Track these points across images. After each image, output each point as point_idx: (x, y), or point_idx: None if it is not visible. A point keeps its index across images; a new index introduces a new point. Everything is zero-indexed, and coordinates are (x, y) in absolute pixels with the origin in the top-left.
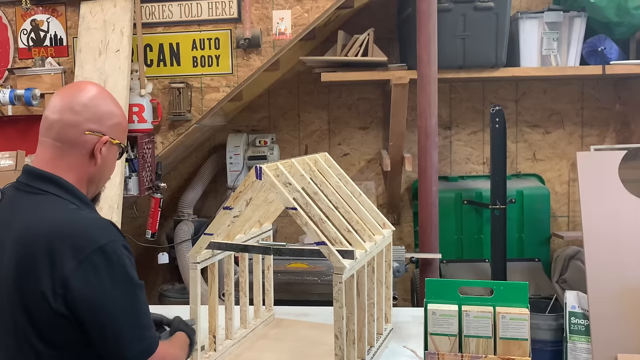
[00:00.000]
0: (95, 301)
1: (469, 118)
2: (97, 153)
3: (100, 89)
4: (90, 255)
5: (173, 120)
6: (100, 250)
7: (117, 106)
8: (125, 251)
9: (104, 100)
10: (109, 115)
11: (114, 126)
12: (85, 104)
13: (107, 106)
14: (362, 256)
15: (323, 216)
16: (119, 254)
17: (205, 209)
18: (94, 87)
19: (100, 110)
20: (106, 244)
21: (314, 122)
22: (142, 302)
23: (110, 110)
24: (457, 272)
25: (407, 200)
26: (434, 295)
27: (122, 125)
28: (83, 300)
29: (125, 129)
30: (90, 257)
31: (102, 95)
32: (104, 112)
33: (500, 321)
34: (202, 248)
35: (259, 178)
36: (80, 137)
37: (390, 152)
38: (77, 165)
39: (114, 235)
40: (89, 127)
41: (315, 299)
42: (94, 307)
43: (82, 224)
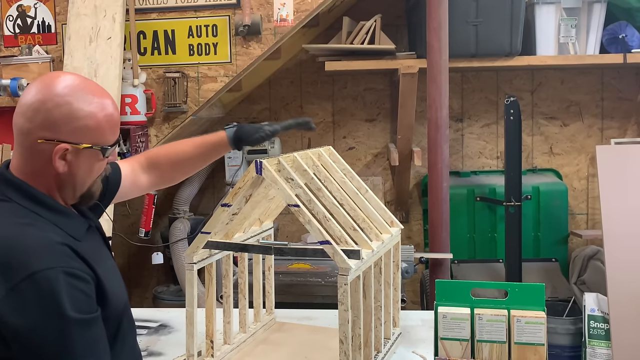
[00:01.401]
0: (22, 336)
1: (481, 110)
2: (56, 162)
3: (68, 85)
4: (19, 284)
5: (168, 112)
6: (30, 278)
7: (90, 103)
8: (69, 279)
9: (65, 100)
10: (69, 119)
11: (78, 130)
12: (36, 109)
13: (67, 107)
14: (368, 256)
15: (327, 214)
16: (52, 284)
17: (202, 206)
18: (57, 85)
19: (55, 114)
20: (38, 271)
21: (318, 114)
22: (79, 340)
23: (72, 112)
24: (469, 273)
25: (416, 197)
26: (445, 298)
27: (93, 125)
28: (10, 333)
29: (103, 127)
30: (19, 285)
31: (65, 93)
32: (62, 116)
33: (515, 325)
34: (198, 247)
35: (259, 173)
36: (34, 145)
37: (398, 146)
38: (41, 171)
39: (55, 260)
40: (40, 134)
41: (319, 302)
42: (20, 343)
43: (20, 245)
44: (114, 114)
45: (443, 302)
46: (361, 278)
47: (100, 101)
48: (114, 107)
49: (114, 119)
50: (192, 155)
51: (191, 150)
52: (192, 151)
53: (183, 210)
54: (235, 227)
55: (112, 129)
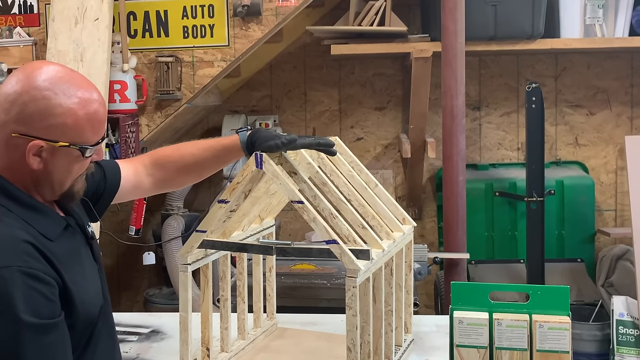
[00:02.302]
0: None
1: (501, 97)
2: (29, 159)
3: (50, 77)
4: None
5: (160, 99)
6: None
7: (71, 98)
8: (27, 280)
9: (43, 94)
10: (45, 114)
11: (54, 127)
12: (12, 101)
13: (44, 102)
14: (378, 256)
15: (334, 210)
16: (6, 283)
17: (198, 202)
18: (37, 76)
19: (30, 109)
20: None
21: (323, 102)
22: (30, 347)
23: (49, 107)
24: (487, 275)
25: (430, 192)
26: (461, 301)
27: (71, 123)
28: None
29: (82, 126)
30: None
31: (45, 87)
32: (37, 111)
33: (538, 331)
34: (193, 247)
35: (260, 167)
36: (9, 139)
37: (410, 136)
38: (16, 166)
39: (13, 259)
40: (15, 128)
41: (325, 306)
42: None
43: None
44: (97, 111)
45: (459, 306)
46: (371, 280)
47: (83, 97)
48: (99, 103)
49: (98, 117)
50: (201, 158)
51: (200, 154)
52: (201, 154)
53: (177, 206)
54: (234, 225)
55: (93, 127)
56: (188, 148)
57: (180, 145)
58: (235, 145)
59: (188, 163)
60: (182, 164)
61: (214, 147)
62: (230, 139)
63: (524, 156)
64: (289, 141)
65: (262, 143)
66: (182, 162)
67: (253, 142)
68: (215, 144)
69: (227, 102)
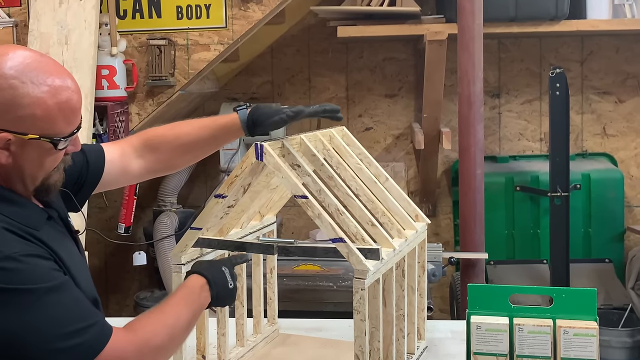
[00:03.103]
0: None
1: (522, 83)
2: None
3: (17, 64)
4: None
5: (152, 85)
6: None
7: (40, 86)
8: (25, 258)
9: (9, 83)
10: (12, 105)
11: (22, 118)
12: None
13: (10, 92)
14: (389, 256)
15: (340, 206)
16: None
17: (192, 197)
18: (2, 64)
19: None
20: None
21: (329, 89)
22: (57, 308)
23: (16, 98)
24: (507, 276)
25: (445, 187)
26: (479, 305)
27: (41, 114)
28: None
29: (54, 116)
30: None
31: (11, 75)
32: (3, 102)
33: (562, 337)
34: (188, 246)
35: (260, 159)
36: None
37: (424, 126)
38: None
39: (5, 248)
40: None
41: (330, 310)
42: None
43: None
44: (70, 99)
45: (477, 311)
46: (381, 282)
47: (53, 84)
48: (72, 90)
49: (71, 105)
50: (196, 138)
51: (196, 133)
52: (196, 133)
53: (170, 201)
54: (232, 222)
55: (66, 118)
56: (183, 127)
57: (174, 125)
58: (234, 124)
59: (183, 143)
60: (176, 144)
61: (211, 126)
62: (228, 118)
63: (547, 147)
64: (295, 113)
65: (265, 120)
66: (177, 142)
67: (255, 121)
68: (212, 122)
69: (225, 89)
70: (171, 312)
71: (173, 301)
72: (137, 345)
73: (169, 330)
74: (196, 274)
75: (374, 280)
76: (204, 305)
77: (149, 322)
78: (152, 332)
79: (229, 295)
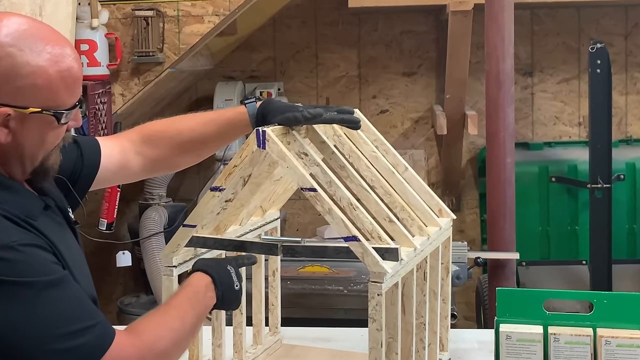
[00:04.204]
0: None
1: (558, 60)
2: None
3: (13, 31)
4: None
5: (138, 62)
6: None
7: (40, 54)
8: (25, 248)
9: (6, 51)
10: (11, 76)
11: (22, 90)
12: None
13: (8, 61)
14: (409, 257)
15: (354, 200)
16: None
17: (184, 189)
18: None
19: None
20: None
21: (339, 66)
22: (58, 303)
23: (15, 67)
24: (541, 279)
25: (471, 177)
26: (509, 312)
27: (42, 84)
28: None
29: (56, 86)
30: None
31: (7, 43)
32: (1, 73)
33: (604, 349)
34: (180, 245)
35: (262, 146)
36: None
37: (446, 109)
38: None
39: (3, 238)
40: None
41: (341, 317)
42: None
43: None
44: (72, 67)
45: (506, 318)
46: (399, 286)
47: (54, 52)
48: (73, 58)
49: (73, 74)
50: (201, 134)
51: (200, 129)
52: (200, 129)
53: (158, 195)
54: (229, 219)
55: (68, 87)
56: (185, 122)
57: (176, 119)
58: (242, 119)
59: (186, 140)
60: (178, 141)
61: (217, 120)
62: (235, 111)
63: (586, 133)
64: (313, 115)
65: (277, 115)
66: (179, 139)
67: (265, 115)
68: (218, 117)
69: (220, 67)
70: (176, 314)
71: (177, 301)
72: (141, 350)
73: (174, 335)
74: (200, 271)
75: (392, 284)
76: (209, 306)
77: (153, 325)
78: (156, 336)
79: (235, 297)
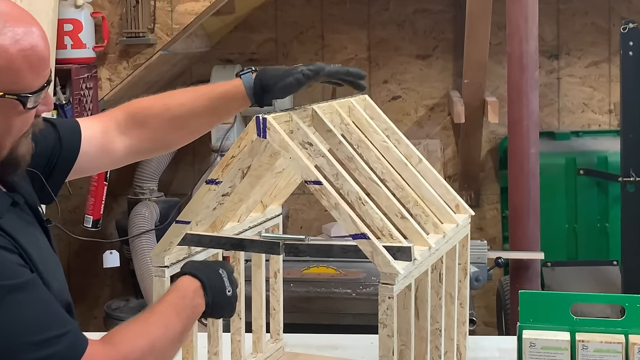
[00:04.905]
0: None
1: (587, 41)
2: None
3: None
4: None
5: (127, 44)
6: None
7: (0, 33)
8: None
9: None
10: None
11: None
12: None
13: None
14: (424, 256)
15: (363, 194)
16: None
17: (177, 183)
18: None
19: None
20: None
21: (346, 48)
22: (22, 308)
23: None
24: (568, 281)
25: (491, 169)
26: (533, 317)
27: (3, 65)
28: None
29: (18, 67)
30: None
31: None
32: None
33: (636, 357)
34: (172, 244)
35: (262, 135)
36: None
37: (464, 95)
38: None
39: None
40: None
41: (349, 323)
42: None
43: None
44: (35, 45)
45: (530, 324)
46: (413, 289)
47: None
48: (38, 36)
49: (37, 52)
50: (192, 110)
51: (190, 103)
52: (191, 104)
53: (149, 188)
54: (227, 214)
55: (33, 67)
56: (175, 97)
57: (164, 95)
58: (237, 92)
59: (176, 116)
60: (167, 117)
61: (209, 94)
62: (230, 84)
63: (617, 121)
64: (314, 72)
65: (277, 83)
66: (168, 115)
67: (264, 86)
68: (210, 90)
69: (217, 49)
70: (158, 322)
71: (160, 308)
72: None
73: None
74: (188, 275)
75: (405, 287)
76: (198, 314)
77: (132, 334)
78: (134, 347)
79: (227, 303)
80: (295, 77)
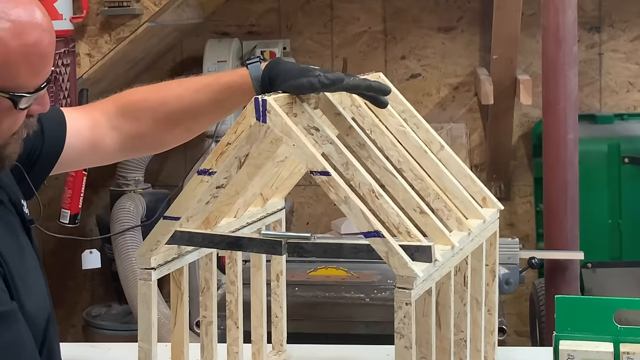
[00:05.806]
0: None
1: (632, 12)
2: None
3: None
4: None
5: (109, 15)
6: None
7: (1, 21)
8: None
9: None
10: None
11: None
12: None
13: None
14: (446, 257)
15: (377, 186)
16: None
17: (166, 173)
18: None
19: None
20: None
21: (359, 19)
22: None
23: None
24: (611, 284)
25: (524, 157)
26: (571, 325)
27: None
28: None
29: (15, 63)
30: None
31: None
32: None
33: None
34: (160, 242)
35: (262, 119)
36: None
37: (493, 72)
38: None
39: None
40: None
41: (361, 332)
42: None
43: None
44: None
45: (568, 333)
46: (433, 294)
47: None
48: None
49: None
50: (191, 103)
51: (190, 96)
52: (191, 97)
53: (134, 179)
54: (222, 209)
55: (33, 66)
56: (172, 88)
57: (160, 85)
58: (243, 84)
59: (173, 110)
60: (164, 112)
61: (211, 86)
62: (235, 74)
63: None
64: (331, 82)
65: (288, 80)
66: (165, 109)
67: (273, 79)
68: (213, 82)
69: (212, 20)
70: None
71: None
72: None
73: None
74: None
75: (424, 291)
76: None
77: None
78: None
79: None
80: (310, 81)
